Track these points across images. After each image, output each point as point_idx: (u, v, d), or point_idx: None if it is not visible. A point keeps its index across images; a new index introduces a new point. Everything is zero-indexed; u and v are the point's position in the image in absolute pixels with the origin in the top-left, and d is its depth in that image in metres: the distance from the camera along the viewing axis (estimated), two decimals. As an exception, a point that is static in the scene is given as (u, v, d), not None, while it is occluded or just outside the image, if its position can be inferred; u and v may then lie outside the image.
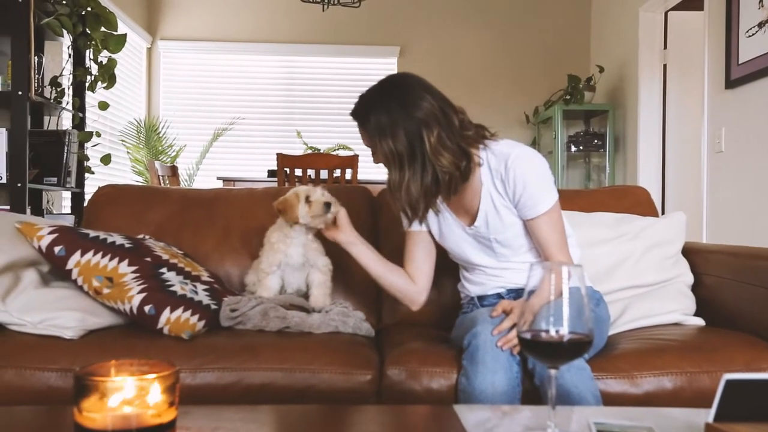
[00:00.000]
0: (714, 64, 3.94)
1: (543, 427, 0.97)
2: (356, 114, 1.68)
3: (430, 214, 1.77)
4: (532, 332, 0.93)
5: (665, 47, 5.02)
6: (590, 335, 0.92)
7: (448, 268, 2.05)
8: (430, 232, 1.85)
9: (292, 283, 1.94)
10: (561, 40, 6.08)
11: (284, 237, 1.89)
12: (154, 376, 0.90)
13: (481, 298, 1.80)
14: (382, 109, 1.60)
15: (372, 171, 6.03)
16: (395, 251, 2.11)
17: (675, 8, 4.81)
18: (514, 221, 1.69)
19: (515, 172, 1.63)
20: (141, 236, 1.98)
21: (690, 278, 2.00)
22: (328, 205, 1.80)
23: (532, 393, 1.48)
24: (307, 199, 1.83)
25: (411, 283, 1.84)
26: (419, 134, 1.58)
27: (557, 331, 0.91)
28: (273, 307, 1.77)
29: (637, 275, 1.98)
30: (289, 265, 1.91)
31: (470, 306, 1.82)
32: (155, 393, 0.89)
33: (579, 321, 0.92)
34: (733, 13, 3.69)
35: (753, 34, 3.51)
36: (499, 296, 1.76)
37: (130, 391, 0.89)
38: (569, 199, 2.11)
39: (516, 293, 1.73)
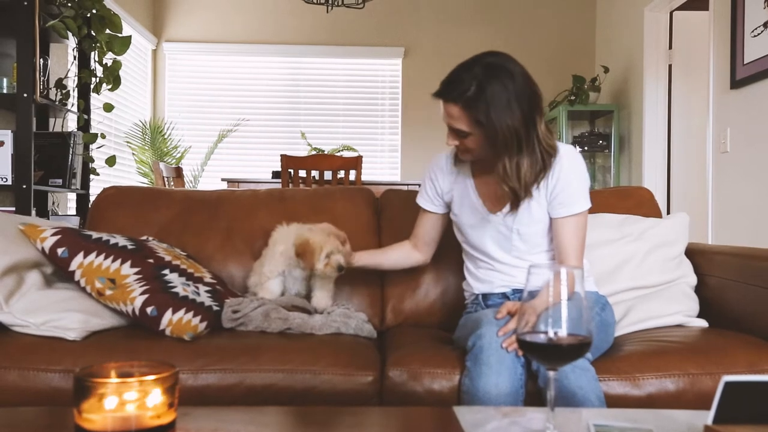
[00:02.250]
0: (719, 64, 3.93)
1: (542, 428, 0.97)
2: (462, 87, 1.56)
3: (456, 194, 1.80)
4: (530, 334, 0.93)
5: (670, 47, 5.00)
6: (589, 337, 0.92)
7: (452, 268, 2.05)
8: (444, 214, 1.88)
9: (291, 289, 1.95)
10: (565, 40, 6.07)
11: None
12: (153, 377, 0.90)
13: (485, 297, 1.79)
14: (500, 85, 1.54)
15: (375, 172, 6.06)
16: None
17: (680, 8, 4.79)
18: (541, 218, 1.69)
19: (562, 167, 1.65)
20: (144, 238, 1.99)
21: (693, 279, 1.99)
22: (341, 268, 1.83)
23: (535, 395, 1.47)
24: (328, 255, 1.83)
25: (412, 255, 1.96)
26: (533, 117, 1.58)
27: (556, 333, 0.91)
28: (275, 309, 1.77)
29: (640, 276, 1.98)
30: (292, 275, 1.93)
31: (474, 306, 1.82)
32: (154, 394, 0.90)
33: (578, 323, 0.92)
34: (738, 13, 3.68)
35: (758, 34, 3.50)
36: (504, 296, 1.76)
37: (130, 392, 0.89)
38: (572, 200, 2.11)
39: (522, 294, 1.73)
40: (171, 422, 0.92)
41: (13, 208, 3.02)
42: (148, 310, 1.63)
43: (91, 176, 3.70)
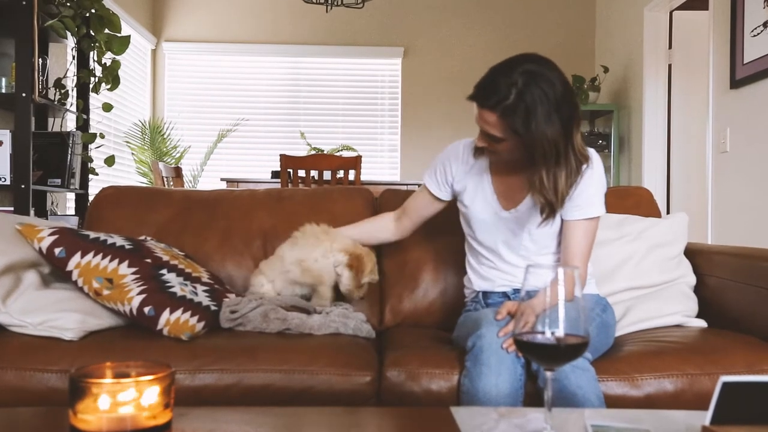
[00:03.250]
0: (719, 63, 3.93)
1: (539, 429, 0.97)
2: (500, 94, 1.49)
3: (470, 186, 1.77)
4: (527, 334, 0.92)
5: (670, 47, 5.00)
6: (586, 337, 0.91)
7: (451, 268, 2.05)
8: (443, 202, 1.87)
9: (296, 293, 1.95)
10: (565, 40, 6.06)
11: None
12: (148, 378, 0.90)
13: (486, 295, 1.79)
14: (540, 94, 1.47)
15: (375, 172, 6.05)
16: (395, 251, 2.11)
17: (680, 8, 4.79)
18: (555, 219, 1.67)
19: (593, 172, 1.65)
20: (142, 237, 1.98)
21: (692, 279, 1.99)
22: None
23: (535, 395, 1.47)
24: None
25: (387, 227, 1.98)
26: (570, 127, 1.53)
27: (553, 333, 0.91)
28: (273, 309, 1.76)
29: (639, 276, 1.97)
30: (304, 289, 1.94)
31: (474, 304, 1.81)
32: (150, 395, 0.90)
33: (576, 323, 0.91)
34: (737, 12, 3.67)
35: (758, 34, 3.49)
36: (505, 295, 1.75)
37: (125, 393, 0.89)
38: (571, 200, 2.10)
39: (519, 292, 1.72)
40: (167, 423, 0.91)
41: (12, 208, 3.02)
42: (146, 309, 1.62)
43: (90, 176, 3.70)
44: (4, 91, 3.10)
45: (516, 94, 1.48)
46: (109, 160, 3.69)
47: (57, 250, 1.70)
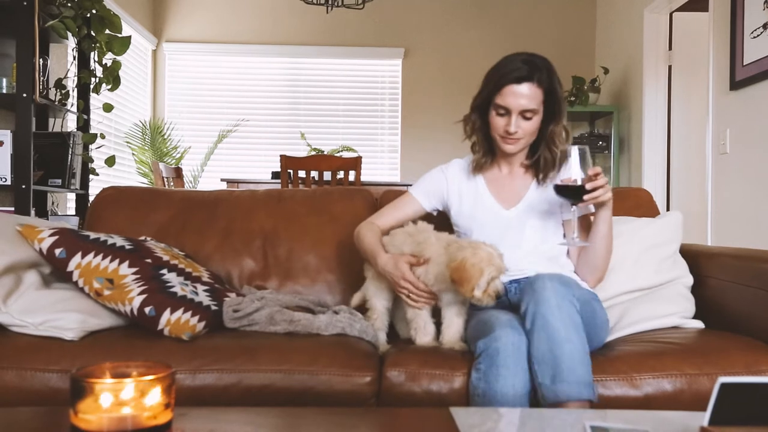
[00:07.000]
0: (719, 65, 3.93)
1: (537, 429, 0.97)
2: (539, 63, 1.81)
3: (470, 196, 1.90)
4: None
5: (670, 48, 5.00)
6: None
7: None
8: (424, 213, 1.96)
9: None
10: (565, 41, 6.07)
11: None
12: (149, 378, 0.90)
13: None
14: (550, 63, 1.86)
15: (375, 173, 6.05)
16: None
17: (680, 9, 4.79)
18: (556, 209, 1.86)
19: None
20: (142, 238, 1.99)
21: (689, 280, 1.97)
22: (499, 296, 1.62)
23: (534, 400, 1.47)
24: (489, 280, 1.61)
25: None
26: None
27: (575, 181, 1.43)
28: (279, 311, 1.75)
29: (634, 278, 1.95)
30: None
31: None
32: (151, 395, 0.90)
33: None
34: (737, 14, 3.68)
35: (758, 35, 3.50)
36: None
37: (126, 393, 0.89)
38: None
39: (518, 283, 1.77)
40: (167, 422, 0.92)
41: (12, 208, 3.03)
42: (147, 310, 1.63)
43: (91, 176, 3.70)
44: (4, 91, 3.11)
45: (542, 63, 1.81)
46: (110, 161, 3.70)
47: (57, 251, 1.70)
